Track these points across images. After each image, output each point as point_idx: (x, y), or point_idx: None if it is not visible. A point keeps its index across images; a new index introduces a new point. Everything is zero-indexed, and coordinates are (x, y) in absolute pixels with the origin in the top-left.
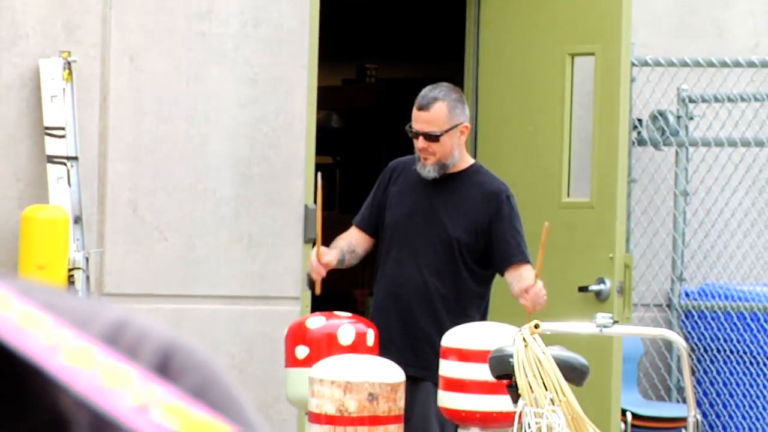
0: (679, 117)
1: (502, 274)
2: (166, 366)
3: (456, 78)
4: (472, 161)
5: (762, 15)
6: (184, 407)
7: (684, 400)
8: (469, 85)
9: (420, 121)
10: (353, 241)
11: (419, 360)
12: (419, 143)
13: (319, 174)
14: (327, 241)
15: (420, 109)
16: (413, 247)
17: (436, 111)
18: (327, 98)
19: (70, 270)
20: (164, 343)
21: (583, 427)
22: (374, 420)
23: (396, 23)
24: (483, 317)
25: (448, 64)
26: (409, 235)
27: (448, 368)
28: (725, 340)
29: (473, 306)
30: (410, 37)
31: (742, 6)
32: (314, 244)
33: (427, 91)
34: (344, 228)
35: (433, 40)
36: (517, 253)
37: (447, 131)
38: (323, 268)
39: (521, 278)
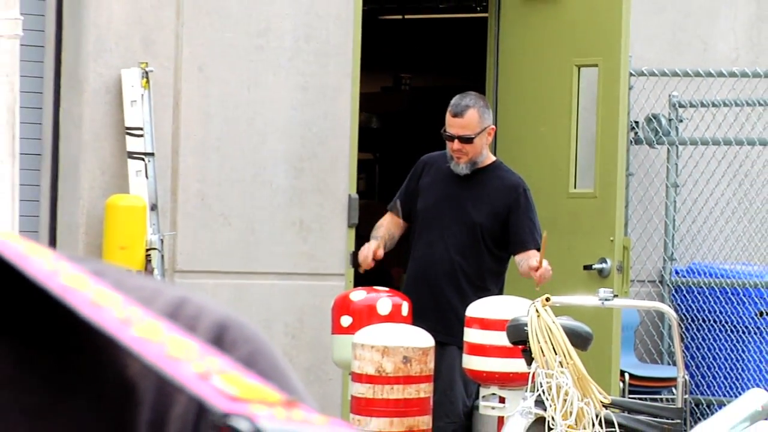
0: (670, 120)
1: (514, 255)
2: (221, 339)
3: (477, 86)
4: (493, 158)
5: (741, 32)
6: (238, 375)
7: (674, 363)
8: (489, 92)
9: (455, 126)
10: (391, 227)
11: (447, 328)
12: (455, 145)
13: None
14: (369, 223)
15: (455, 116)
16: (442, 231)
17: (469, 117)
18: (367, 103)
19: (147, 250)
20: (219, 319)
21: (587, 387)
22: (408, 379)
23: (426, 39)
24: (500, 291)
25: (471, 74)
26: (439, 220)
27: (471, 335)
28: (709, 312)
29: (492, 281)
30: (438, 51)
31: (724, 25)
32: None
33: (459, 100)
34: (382, 214)
35: (458, 53)
36: (530, 240)
37: (478, 134)
38: (373, 262)
39: (528, 258)
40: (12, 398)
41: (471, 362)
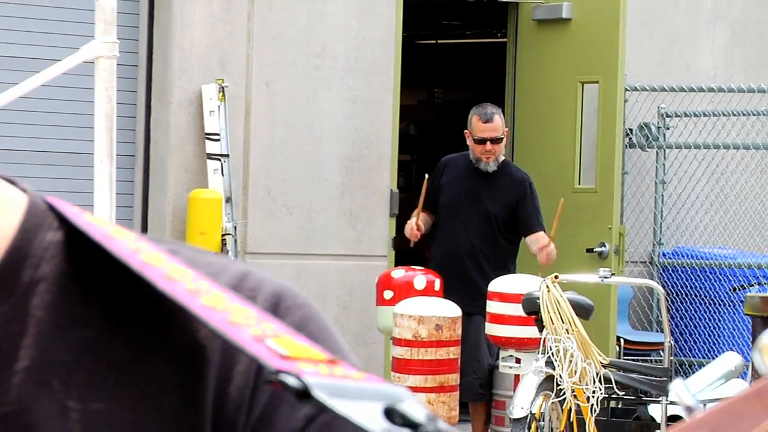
0: (659, 127)
1: (524, 237)
2: (277, 307)
3: (497, 99)
4: (503, 158)
5: (718, 55)
6: (290, 338)
7: (662, 330)
8: (508, 105)
9: (487, 130)
10: (426, 217)
11: (472, 301)
12: (486, 147)
13: (426, 176)
14: (407, 214)
15: (486, 122)
16: (463, 220)
17: (497, 122)
18: (406, 113)
19: (222, 236)
20: (275, 290)
21: (589, 350)
22: (439, 343)
23: (455, 60)
24: (514, 265)
25: (492, 89)
26: (460, 212)
27: (493, 307)
28: (691, 287)
29: (508, 260)
30: (465, 70)
31: (704, 48)
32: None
33: (483, 109)
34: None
35: (481, 72)
36: (537, 224)
37: (504, 134)
38: (419, 234)
39: (537, 240)
40: (102, 355)
41: (493, 329)
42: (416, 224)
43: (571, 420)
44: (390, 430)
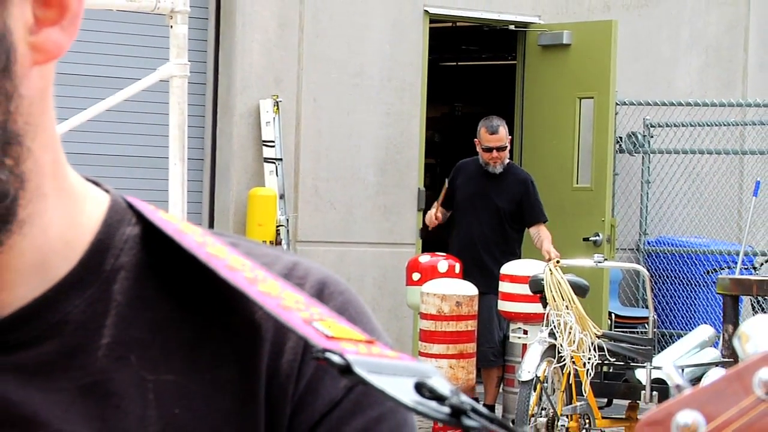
0: (644, 136)
1: (527, 227)
2: (321, 293)
3: (507, 111)
4: (508, 161)
5: (695, 75)
6: (333, 320)
7: (647, 307)
8: (517, 116)
9: (493, 140)
10: (443, 210)
11: (486, 282)
12: (493, 154)
13: (446, 180)
14: (430, 209)
15: (492, 133)
16: (476, 215)
17: (501, 133)
18: (431, 124)
19: (277, 227)
20: (320, 278)
21: (585, 323)
22: (459, 318)
23: (473, 79)
24: (520, 249)
25: (503, 103)
26: (473, 207)
27: (504, 287)
28: (672, 271)
29: (514, 246)
30: (481, 87)
31: (682, 70)
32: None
33: (490, 122)
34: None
35: (495, 89)
36: (539, 216)
37: (508, 142)
38: (436, 222)
39: (539, 235)
40: (172, 334)
41: (504, 306)
42: (435, 215)
43: (570, 382)
44: (420, 402)
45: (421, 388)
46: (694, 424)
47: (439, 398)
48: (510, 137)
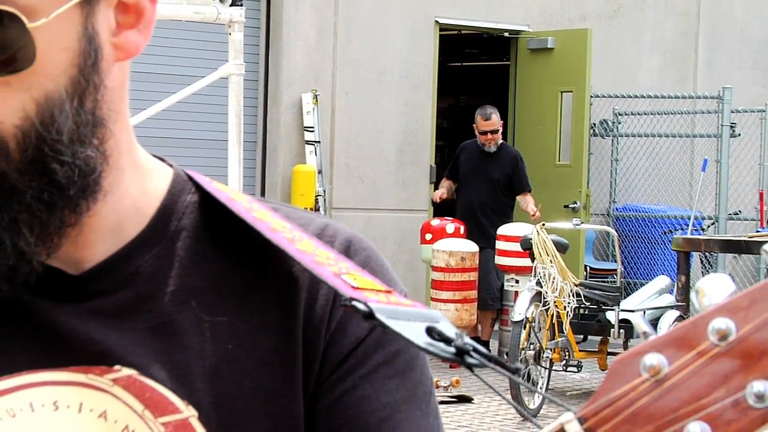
0: (614, 122)
1: (516, 195)
2: (348, 249)
3: (502, 103)
4: (501, 141)
5: (655, 73)
6: (359, 273)
7: (615, 261)
8: (510, 107)
9: (487, 125)
10: (449, 184)
11: (485, 240)
12: (488, 136)
13: (444, 177)
14: (438, 182)
15: (486, 120)
16: (476, 185)
17: (493, 119)
18: (441, 113)
19: (316, 196)
20: (346, 237)
21: (565, 274)
22: (464, 270)
23: (475, 77)
24: (512, 212)
25: (500, 97)
26: (474, 180)
27: (500, 245)
28: (636, 232)
29: (507, 210)
30: (481, 84)
31: (645, 68)
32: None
33: (484, 110)
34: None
35: (493, 84)
36: (525, 186)
37: (499, 126)
38: (440, 199)
39: (525, 200)
40: (225, 283)
41: (500, 260)
42: (441, 195)
43: (553, 322)
44: (430, 343)
45: (431, 331)
46: (659, 365)
47: (446, 340)
48: (502, 122)
